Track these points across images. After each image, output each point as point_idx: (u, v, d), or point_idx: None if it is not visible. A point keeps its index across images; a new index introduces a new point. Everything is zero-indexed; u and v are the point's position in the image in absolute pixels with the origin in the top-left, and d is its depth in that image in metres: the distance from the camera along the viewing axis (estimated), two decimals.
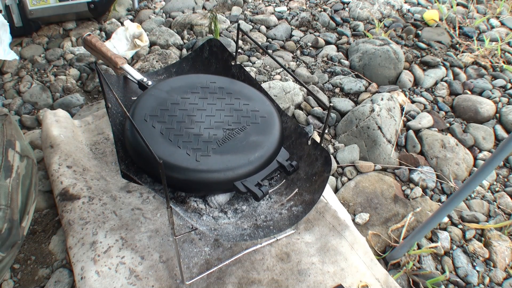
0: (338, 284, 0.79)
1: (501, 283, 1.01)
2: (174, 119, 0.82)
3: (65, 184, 0.91)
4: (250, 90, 0.92)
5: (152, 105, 0.84)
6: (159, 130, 0.78)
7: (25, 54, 1.53)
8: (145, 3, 1.94)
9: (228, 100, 0.88)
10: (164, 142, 0.76)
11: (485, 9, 2.15)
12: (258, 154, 0.77)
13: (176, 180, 0.74)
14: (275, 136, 0.81)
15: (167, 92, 0.87)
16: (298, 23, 1.87)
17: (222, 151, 0.77)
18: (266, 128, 0.83)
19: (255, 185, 0.74)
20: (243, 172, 0.75)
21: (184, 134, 0.79)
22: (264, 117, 0.85)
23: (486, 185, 1.26)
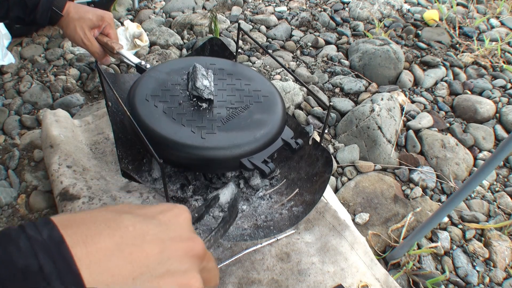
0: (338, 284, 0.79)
1: (501, 283, 1.01)
2: (176, 99, 0.80)
3: (65, 184, 0.90)
4: (251, 72, 0.91)
5: (152, 85, 0.82)
6: (161, 109, 0.76)
7: (25, 54, 1.53)
8: (145, 3, 1.94)
9: (229, 81, 0.87)
10: (168, 120, 0.75)
11: (485, 9, 2.15)
12: (264, 131, 0.76)
13: (182, 158, 0.72)
14: (279, 114, 0.80)
15: (167, 73, 0.85)
16: (298, 23, 1.87)
17: (227, 128, 0.75)
18: (270, 107, 0.82)
19: (261, 162, 0.73)
20: (250, 149, 0.73)
21: (187, 113, 0.77)
22: (266, 96, 0.84)
23: (486, 185, 1.26)
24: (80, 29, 0.91)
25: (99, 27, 0.94)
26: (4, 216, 1.01)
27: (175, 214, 0.34)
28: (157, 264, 0.30)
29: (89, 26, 0.92)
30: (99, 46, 0.95)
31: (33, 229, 0.27)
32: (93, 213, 0.30)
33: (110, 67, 1.48)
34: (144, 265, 0.29)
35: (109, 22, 0.96)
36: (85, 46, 0.93)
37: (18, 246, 0.26)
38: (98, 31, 0.96)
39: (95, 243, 0.28)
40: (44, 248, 0.26)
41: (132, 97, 0.78)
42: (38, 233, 0.27)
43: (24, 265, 0.25)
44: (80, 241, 0.27)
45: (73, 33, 0.91)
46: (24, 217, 1.01)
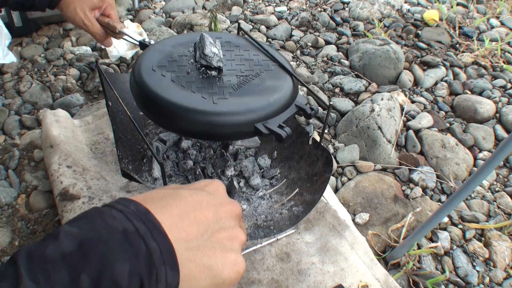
0: (338, 284, 0.79)
1: (501, 283, 1.01)
2: (184, 69, 0.78)
3: (65, 184, 0.90)
4: (257, 43, 0.90)
5: (158, 57, 0.80)
6: (169, 78, 0.74)
7: (25, 54, 1.53)
8: (145, 3, 1.94)
9: (237, 52, 0.85)
10: (177, 88, 0.72)
11: (485, 9, 2.15)
12: (277, 96, 0.74)
13: (194, 125, 0.69)
14: (290, 80, 0.79)
15: (172, 46, 0.84)
16: (298, 23, 1.87)
17: (239, 94, 0.73)
18: (280, 74, 0.80)
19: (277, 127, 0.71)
20: (264, 113, 0.71)
21: (196, 81, 0.75)
22: (275, 65, 0.82)
23: (486, 185, 1.26)
24: (81, 10, 0.90)
25: (99, 8, 0.93)
26: (4, 216, 1.01)
27: (216, 186, 0.44)
28: (213, 223, 0.39)
29: (89, 7, 0.91)
30: (100, 27, 0.94)
31: (120, 205, 0.35)
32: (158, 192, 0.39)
33: (110, 67, 1.48)
34: (205, 224, 0.38)
35: (109, 3, 0.94)
36: (85, 27, 0.92)
37: (112, 216, 0.34)
38: (99, 12, 0.94)
39: (169, 212, 0.37)
40: (136, 216, 0.34)
41: (138, 68, 0.76)
42: (126, 207, 0.35)
43: (122, 228, 0.33)
44: (159, 211, 0.36)
45: (73, 14, 0.90)
46: (24, 217, 1.01)
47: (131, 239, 0.33)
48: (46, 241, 0.32)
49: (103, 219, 0.34)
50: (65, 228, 0.33)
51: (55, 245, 0.31)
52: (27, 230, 0.99)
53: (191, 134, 0.74)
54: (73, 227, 0.33)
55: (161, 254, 0.33)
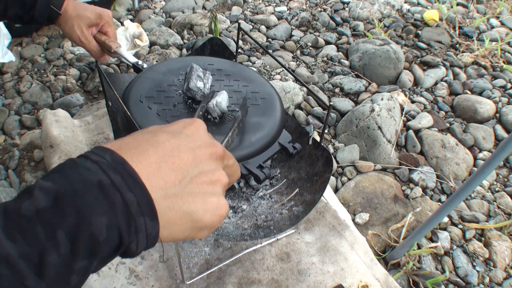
0: (338, 284, 0.79)
1: (501, 283, 1.01)
2: (171, 100, 0.78)
3: None
4: (249, 72, 0.90)
5: (148, 86, 0.80)
6: (155, 111, 0.75)
7: (25, 54, 1.53)
8: (145, 3, 1.94)
9: (227, 82, 0.85)
10: (161, 123, 0.73)
11: (485, 9, 2.15)
12: (260, 135, 0.74)
13: None
14: (277, 118, 0.79)
15: (163, 74, 0.84)
16: (298, 23, 1.87)
17: (222, 132, 0.73)
18: (267, 110, 0.80)
19: (256, 167, 0.71)
20: (244, 153, 0.71)
21: (181, 115, 0.76)
22: (264, 99, 0.83)
23: (486, 185, 1.26)
24: (78, 27, 0.91)
25: (97, 25, 0.94)
26: None
27: (196, 127, 0.42)
28: (192, 168, 0.38)
29: (87, 24, 0.92)
30: (96, 45, 0.95)
31: (96, 155, 0.34)
32: (135, 137, 0.38)
33: (110, 67, 1.48)
34: (184, 170, 0.37)
35: (107, 20, 0.95)
36: (82, 44, 0.93)
37: (87, 168, 0.33)
38: (96, 29, 0.95)
39: (146, 160, 0.35)
40: (111, 167, 0.33)
41: (127, 98, 0.77)
42: (101, 158, 0.34)
43: (97, 180, 0.32)
44: (135, 160, 0.35)
45: (71, 31, 0.91)
46: None
47: (107, 191, 0.32)
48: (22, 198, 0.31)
49: (78, 171, 0.33)
50: (39, 182, 0.32)
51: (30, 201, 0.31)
52: None
53: None
54: (47, 182, 0.32)
55: (139, 205, 0.33)
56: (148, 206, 0.34)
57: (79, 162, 0.34)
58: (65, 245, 0.30)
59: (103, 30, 0.96)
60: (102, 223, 0.31)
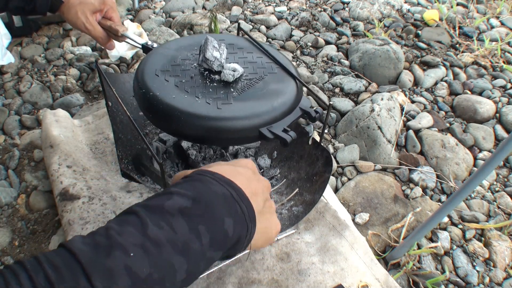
0: (338, 284, 0.79)
1: (501, 283, 1.01)
2: (188, 73, 0.77)
3: (65, 184, 0.90)
4: (261, 45, 0.89)
5: (162, 61, 0.79)
6: (173, 83, 0.74)
7: (25, 54, 1.53)
8: (145, 3, 1.94)
9: (240, 54, 0.85)
10: (181, 93, 0.72)
11: (485, 9, 2.15)
12: (281, 100, 0.73)
13: (199, 130, 0.69)
14: (294, 84, 0.79)
15: (175, 50, 0.83)
16: (298, 23, 1.87)
17: (243, 98, 0.73)
18: (285, 77, 0.80)
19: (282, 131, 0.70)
20: (268, 118, 0.71)
21: (200, 86, 0.75)
22: (279, 67, 0.82)
23: (486, 185, 1.26)
24: (82, 14, 0.89)
25: (101, 11, 0.93)
26: (4, 216, 1.01)
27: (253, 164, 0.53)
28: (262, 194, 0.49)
29: (90, 10, 0.90)
30: (102, 30, 0.93)
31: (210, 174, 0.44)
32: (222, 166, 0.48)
33: (110, 67, 1.48)
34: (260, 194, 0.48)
35: (111, 5, 0.94)
36: (87, 31, 0.92)
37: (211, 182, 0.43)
38: (101, 15, 0.94)
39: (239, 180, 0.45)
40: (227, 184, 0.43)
41: (141, 73, 0.76)
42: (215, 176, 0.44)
43: (221, 192, 0.42)
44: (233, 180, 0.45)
45: (75, 18, 0.90)
46: (24, 217, 1.01)
47: (229, 201, 0.41)
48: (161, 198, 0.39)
49: (204, 184, 0.42)
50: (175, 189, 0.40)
51: (172, 201, 0.38)
52: (27, 230, 0.99)
53: (196, 139, 0.74)
54: (182, 189, 0.40)
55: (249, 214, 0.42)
56: (253, 217, 0.43)
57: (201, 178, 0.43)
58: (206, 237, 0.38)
59: (107, 15, 0.95)
60: (231, 223, 0.40)
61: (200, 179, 0.43)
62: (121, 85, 0.94)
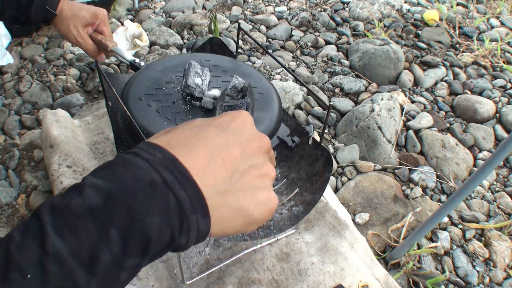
0: (338, 284, 0.79)
1: (501, 283, 1.01)
2: (170, 98, 0.79)
3: (65, 184, 0.90)
4: (246, 68, 0.90)
5: (146, 84, 0.81)
6: (155, 109, 0.76)
7: (25, 54, 1.53)
8: (145, 3, 1.94)
9: (224, 78, 0.86)
10: (161, 120, 0.74)
11: (485, 9, 2.15)
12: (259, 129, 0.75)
13: None
14: (275, 112, 0.79)
15: (161, 71, 0.85)
16: (298, 23, 1.87)
17: None
18: (265, 104, 0.81)
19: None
20: None
21: (181, 112, 0.77)
22: (262, 93, 0.83)
23: (486, 185, 1.26)
24: (74, 27, 0.91)
25: (93, 24, 0.94)
26: (4, 216, 1.01)
27: (243, 120, 0.41)
28: (242, 163, 0.37)
29: (82, 24, 0.92)
30: (92, 44, 0.95)
31: (146, 153, 0.34)
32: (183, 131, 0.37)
33: (110, 67, 1.48)
34: (234, 165, 0.36)
35: (102, 19, 0.95)
36: (78, 44, 0.93)
37: (139, 166, 0.32)
38: (92, 29, 0.95)
39: (196, 156, 0.34)
40: (162, 165, 0.33)
41: (126, 96, 0.78)
42: (152, 155, 0.33)
43: (150, 179, 0.32)
44: (185, 156, 0.34)
45: (67, 31, 0.91)
46: (24, 217, 1.01)
47: (160, 190, 0.32)
48: (70, 195, 0.31)
49: (128, 169, 0.32)
50: (89, 179, 0.32)
51: (80, 198, 0.30)
52: None
53: None
54: (97, 179, 0.32)
55: (191, 203, 0.33)
56: (200, 204, 0.33)
57: (130, 160, 0.33)
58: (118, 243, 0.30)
59: (98, 29, 0.96)
60: (155, 223, 0.31)
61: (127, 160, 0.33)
62: (121, 85, 0.94)
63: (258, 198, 0.38)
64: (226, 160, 0.36)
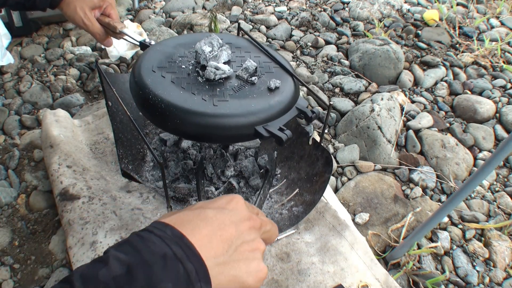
0: (338, 284, 0.79)
1: (501, 283, 1.01)
2: (184, 70, 0.77)
3: (65, 184, 0.90)
4: (260, 45, 0.89)
5: (159, 58, 0.79)
6: (169, 80, 0.74)
7: (25, 54, 1.53)
8: (145, 3, 1.94)
9: (238, 53, 0.85)
10: (177, 89, 0.72)
11: (485, 9, 2.15)
12: (278, 98, 0.73)
13: (195, 127, 0.69)
14: (291, 83, 0.78)
15: (173, 47, 0.83)
16: (298, 23, 1.87)
17: (240, 96, 0.73)
18: (282, 76, 0.80)
19: (277, 130, 0.70)
20: (264, 116, 0.70)
21: (196, 83, 0.75)
22: (277, 67, 0.82)
23: (486, 185, 1.26)
24: (81, 9, 0.90)
25: (100, 7, 0.93)
26: (4, 216, 1.01)
27: (236, 203, 0.49)
28: (236, 239, 0.45)
29: (89, 7, 0.91)
30: (100, 27, 0.93)
31: (159, 230, 0.41)
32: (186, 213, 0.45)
33: (110, 67, 1.48)
34: (229, 241, 0.44)
35: (110, 3, 0.94)
36: (85, 27, 0.92)
37: (153, 241, 0.40)
38: (99, 12, 0.94)
39: (199, 233, 0.42)
40: (172, 241, 0.40)
41: (138, 69, 0.75)
42: (164, 232, 0.41)
43: (163, 252, 0.39)
44: (190, 233, 0.42)
45: (73, 13, 0.90)
46: (24, 217, 1.01)
47: (171, 262, 0.38)
48: (97, 265, 0.37)
49: (145, 244, 0.39)
50: (112, 252, 0.38)
51: (106, 268, 0.36)
52: (27, 230, 0.99)
53: (191, 136, 0.74)
54: (119, 253, 0.38)
55: (197, 273, 0.39)
56: (204, 273, 0.40)
57: (145, 236, 0.40)
58: None
59: (106, 12, 0.95)
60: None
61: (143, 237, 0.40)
62: (121, 85, 0.94)
63: (250, 268, 0.45)
64: (223, 237, 0.44)
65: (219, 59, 0.79)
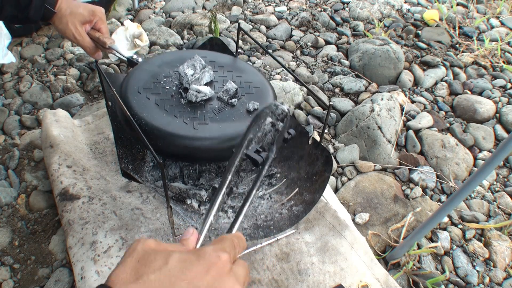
0: (338, 284, 0.79)
1: (501, 283, 1.01)
2: (168, 91, 0.81)
3: (65, 184, 0.90)
4: (242, 64, 0.92)
5: (144, 78, 0.83)
6: (153, 101, 0.78)
7: (25, 54, 1.53)
8: (145, 3, 1.94)
9: (220, 73, 0.88)
10: (160, 112, 0.76)
11: (485, 9, 2.15)
12: None
13: (176, 149, 0.74)
14: None
15: (158, 66, 0.87)
16: (298, 23, 1.87)
17: (220, 119, 0.77)
18: (261, 98, 0.83)
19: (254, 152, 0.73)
20: None
21: (179, 105, 0.79)
22: (257, 88, 0.86)
23: (486, 185, 1.26)
24: (72, 24, 0.92)
25: (90, 22, 0.95)
26: (4, 216, 1.01)
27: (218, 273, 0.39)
28: None
29: (80, 21, 0.93)
30: (90, 41, 0.95)
31: None
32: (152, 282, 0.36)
33: (110, 67, 1.48)
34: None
35: (100, 17, 0.96)
36: (76, 41, 0.94)
37: None
38: (90, 26, 0.96)
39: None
40: None
41: (125, 90, 0.79)
42: None
43: None
44: None
45: (65, 28, 0.93)
46: (24, 217, 1.01)
47: None
48: None
49: None
50: None
51: None
52: (27, 230, 0.99)
53: (173, 156, 0.78)
54: None
55: None
56: None
57: None
58: None
59: (96, 26, 0.97)
60: None
61: None
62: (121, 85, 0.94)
63: None
64: None
65: (201, 81, 0.82)
